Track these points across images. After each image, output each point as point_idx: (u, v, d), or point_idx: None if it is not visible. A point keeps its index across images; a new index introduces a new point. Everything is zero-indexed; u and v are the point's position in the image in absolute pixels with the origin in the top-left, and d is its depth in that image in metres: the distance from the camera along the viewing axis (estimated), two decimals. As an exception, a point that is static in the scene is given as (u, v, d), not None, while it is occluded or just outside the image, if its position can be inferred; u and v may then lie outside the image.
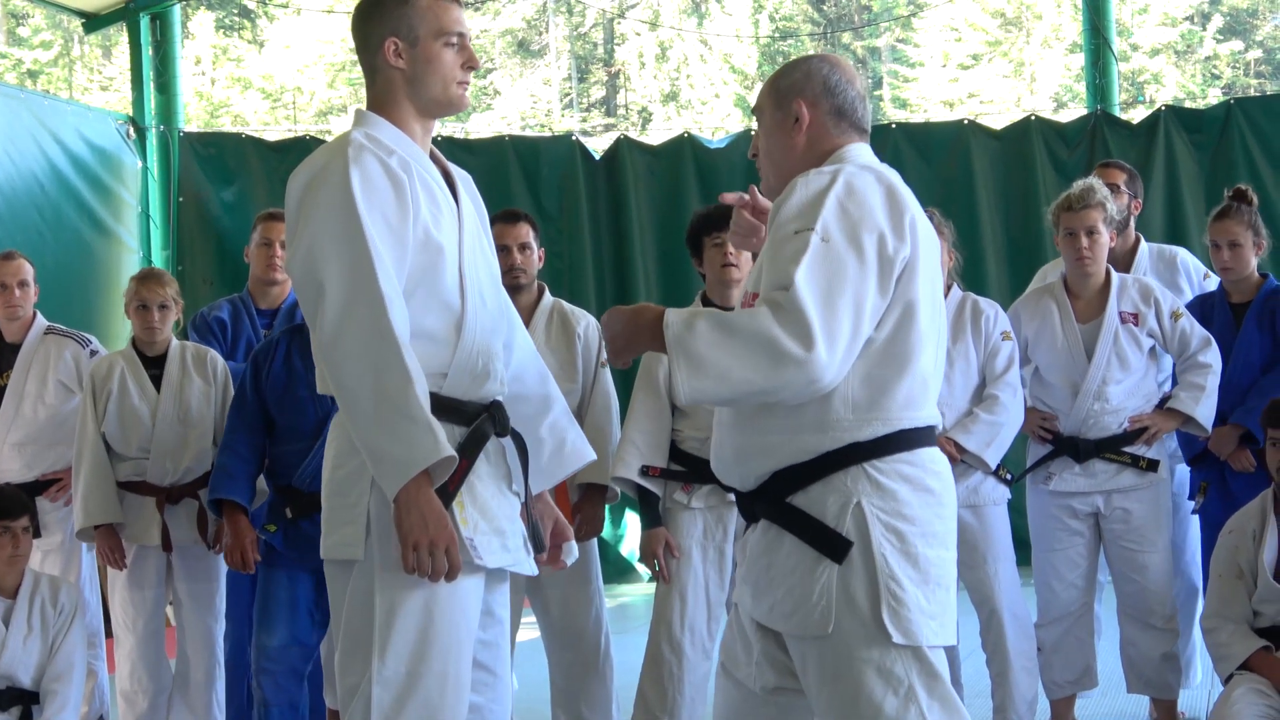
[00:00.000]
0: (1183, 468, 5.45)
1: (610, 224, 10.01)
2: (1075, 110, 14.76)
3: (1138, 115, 9.97)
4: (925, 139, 10.00)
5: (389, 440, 2.85)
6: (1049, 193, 8.37)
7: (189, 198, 9.98)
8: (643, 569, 7.72)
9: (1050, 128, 9.80)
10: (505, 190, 9.57)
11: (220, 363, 5.29)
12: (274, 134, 16.43)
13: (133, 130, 9.91)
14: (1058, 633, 5.19)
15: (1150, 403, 5.18)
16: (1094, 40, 9.96)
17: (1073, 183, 5.31)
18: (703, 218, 4.80)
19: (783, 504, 2.86)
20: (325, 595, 4.13)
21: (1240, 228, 5.21)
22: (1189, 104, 17.05)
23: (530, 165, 10.04)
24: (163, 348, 5.27)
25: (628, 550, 9.68)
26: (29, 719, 4.87)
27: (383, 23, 3.08)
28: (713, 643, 4.73)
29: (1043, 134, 9.66)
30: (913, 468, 2.84)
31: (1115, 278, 5.17)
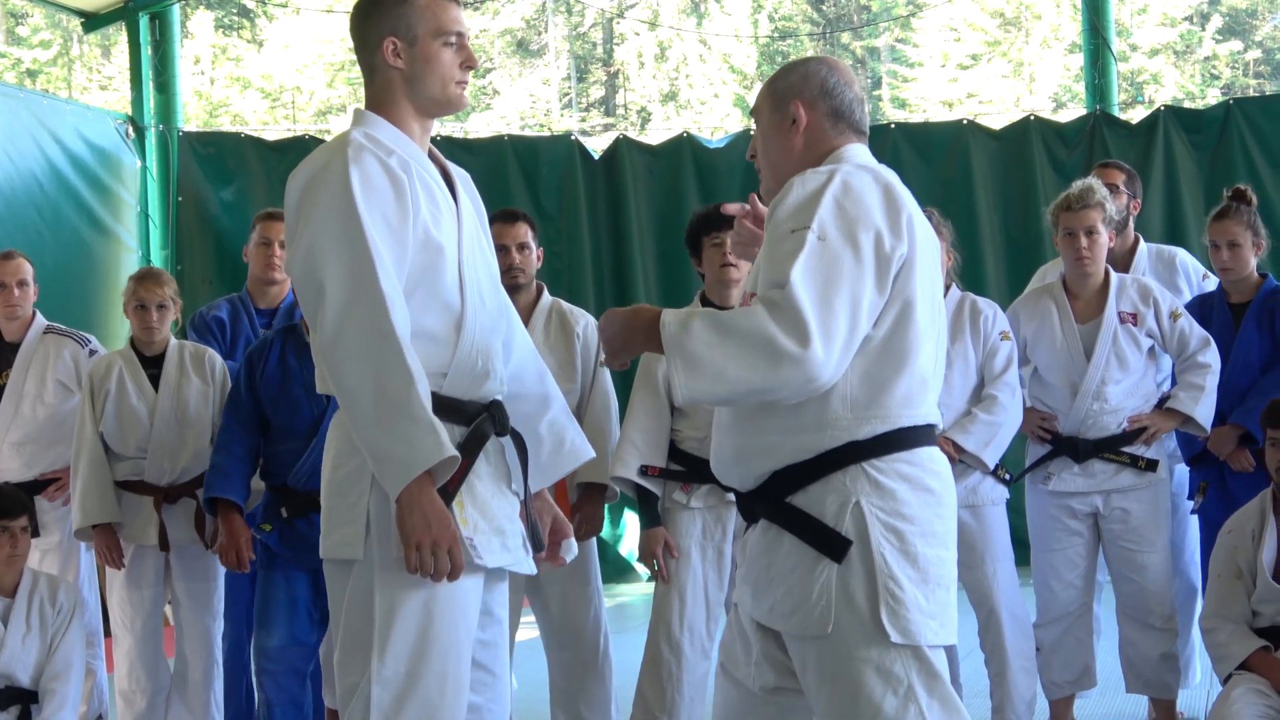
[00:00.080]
0: (1182, 468, 5.45)
1: (609, 224, 10.00)
2: (1074, 110, 14.77)
3: (1137, 115, 9.97)
4: (924, 139, 9.99)
5: (391, 441, 2.85)
6: (1048, 193, 8.37)
7: (188, 197, 9.98)
8: (642, 569, 7.71)
9: (1049, 128, 9.80)
10: (504, 190, 9.56)
11: (219, 362, 5.29)
12: (273, 133, 16.44)
13: (132, 130, 9.90)
14: (1056, 633, 5.18)
15: (1149, 403, 5.18)
16: (1093, 40, 9.96)
17: (1072, 183, 5.31)
18: (702, 218, 4.80)
19: (782, 504, 2.86)
20: (323, 595, 4.13)
21: (1239, 228, 5.21)
22: (1188, 104, 17.06)
23: (529, 165, 10.04)
24: (161, 347, 5.26)
25: (627, 550, 9.68)
26: (28, 718, 4.87)
27: (381, 22, 3.07)
28: (712, 642, 4.73)
29: (1042, 134, 9.66)
30: (912, 467, 2.84)
31: (1114, 278, 5.17)
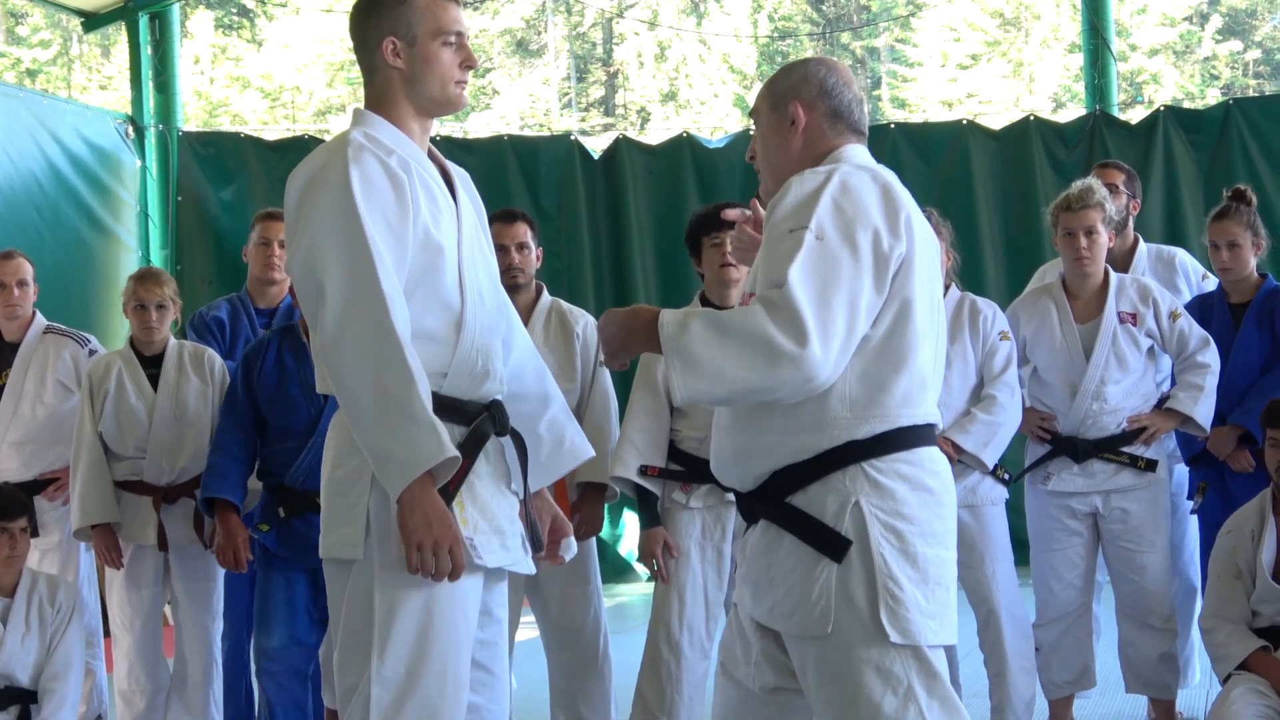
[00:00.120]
0: (1181, 468, 5.45)
1: (609, 224, 10.00)
2: (1074, 110, 14.78)
3: (1136, 115, 9.97)
4: (924, 139, 9.99)
5: (392, 441, 2.85)
6: (1047, 193, 8.37)
7: (188, 197, 9.97)
8: (641, 569, 7.70)
9: (1049, 128, 9.80)
10: (504, 190, 9.56)
11: (218, 362, 5.29)
12: (273, 133, 16.45)
13: (131, 129, 9.90)
14: (1056, 633, 5.18)
15: (1149, 403, 5.18)
16: (1093, 40, 9.96)
17: (1071, 183, 5.31)
18: (701, 218, 4.80)
19: (782, 504, 2.86)
20: (322, 594, 4.13)
21: (1239, 228, 5.21)
22: (1188, 104, 17.05)
23: (529, 165, 10.03)
24: (160, 347, 5.26)
25: (626, 550, 9.67)
26: (27, 718, 4.87)
27: (381, 22, 3.07)
28: (711, 642, 4.73)
29: (1041, 134, 9.66)
30: (911, 467, 2.84)
31: (1114, 278, 5.17)
